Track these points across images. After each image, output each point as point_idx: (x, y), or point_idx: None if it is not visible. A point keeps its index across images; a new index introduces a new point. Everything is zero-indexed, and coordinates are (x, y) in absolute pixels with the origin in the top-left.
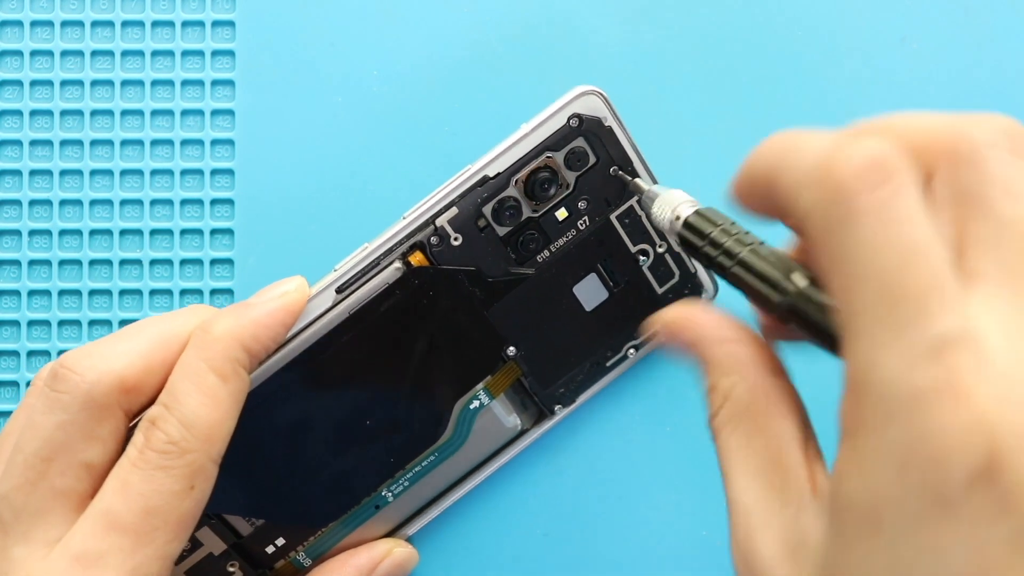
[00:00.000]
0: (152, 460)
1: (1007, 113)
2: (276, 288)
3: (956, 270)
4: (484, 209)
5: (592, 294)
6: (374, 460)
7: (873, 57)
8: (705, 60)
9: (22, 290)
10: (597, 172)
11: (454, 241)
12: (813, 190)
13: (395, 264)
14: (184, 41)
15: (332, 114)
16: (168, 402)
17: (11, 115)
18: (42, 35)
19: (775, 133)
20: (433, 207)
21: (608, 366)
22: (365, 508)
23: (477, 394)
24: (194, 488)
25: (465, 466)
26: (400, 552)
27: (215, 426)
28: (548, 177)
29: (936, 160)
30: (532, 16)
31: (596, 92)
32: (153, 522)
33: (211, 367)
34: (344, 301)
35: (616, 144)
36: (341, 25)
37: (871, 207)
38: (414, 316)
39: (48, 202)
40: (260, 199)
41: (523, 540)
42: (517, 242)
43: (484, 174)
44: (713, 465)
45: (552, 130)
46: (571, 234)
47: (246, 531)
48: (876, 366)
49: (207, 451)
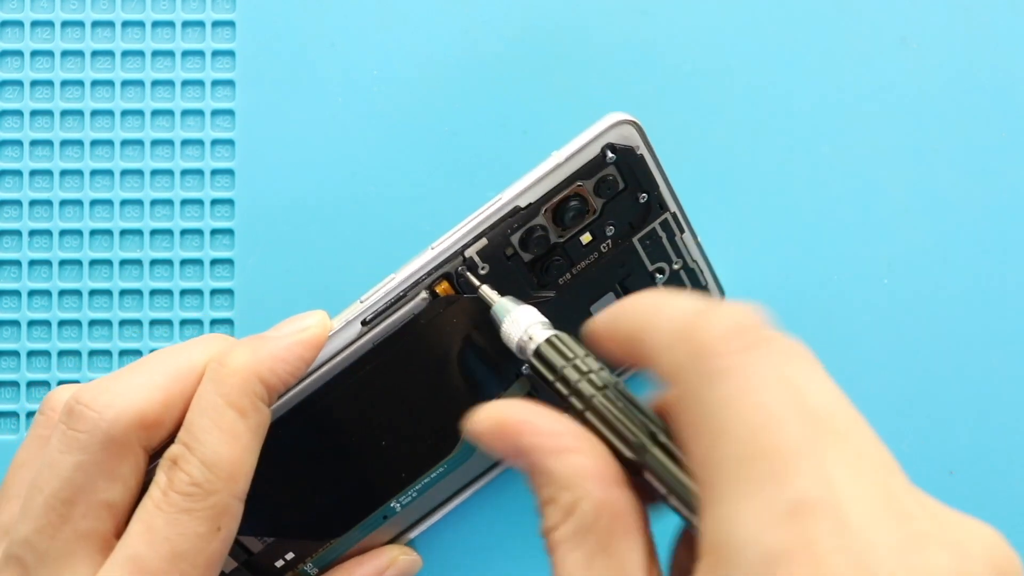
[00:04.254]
0: (176, 503)
1: (1007, 113)
2: (297, 322)
3: (815, 431)
4: (512, 238)
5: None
6: (386, 476)
7: (873, 57)
8: (704, 57)
9: (22, 290)
10: (624, 197)
11: (481, 271)
12: (679, 349)
13: (422, 295)
14: (184, 41)
15: (332, 114)
16: (188, 441)
17: (12, 115)
18: (42, 35)
19: (639, 294)
20: (463, 238)
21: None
22: (374, 519)
23: None
24: (220, 529)
25: (471, 474)
26: (405, 560)
27: (237, 464)
28: (578, 206)
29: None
30: (533, 16)
31: (631, 122)
32: (181, 566)
33: (228, 402)
34: (369, 333)
35: (646, 172)
36: (341, 25)
37: (734, 368)
38: (436, 344)
39: (48, 202)
40: (260, 199)
41: (523, 540)
42: (542, 268)
43: (515, 205)
44: None
45: (585, 160)
46: (593, 256)
47: (256, 548)
48: (734, 526)
49: (231, 490)
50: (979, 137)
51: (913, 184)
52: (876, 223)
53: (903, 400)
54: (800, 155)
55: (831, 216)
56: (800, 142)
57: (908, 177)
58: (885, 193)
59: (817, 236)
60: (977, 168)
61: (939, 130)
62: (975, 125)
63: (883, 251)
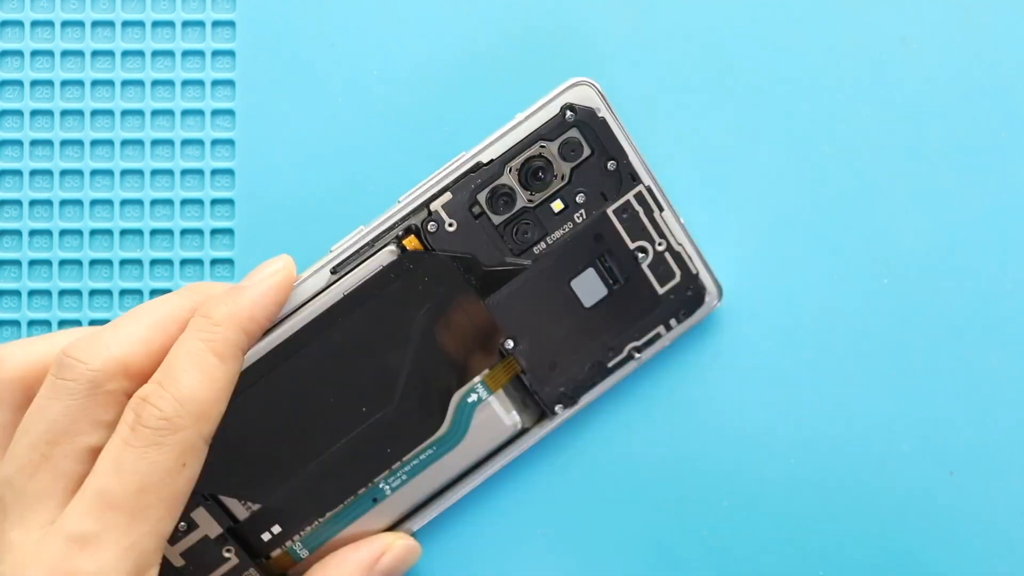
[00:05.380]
0: (145, 437)
1: (1007, 113)
2: (265, 268)
3: None
4: (479, 196)
5: (590, 290)
6: (370, 448)
7: (873, 57)
8: (705, 58)
9: (22, 290)
10: (593, 165)
11: (448, 226)
12: None
13: (389, 247)
14: (184, 41)
15: (332, 114)
16: (163, 380)
17: (11, 115)
18: (42, 35)
19: None
20: (427, 191)
21: (610, 367)
22: (363, 500)
23: (475, 387)
24: (186, 466)
25: (464, 462)
26: (401, 545)
27: (209, 404)
28: (542, 166)
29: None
30: (534, 15)
31: (589, 83)
32: (147, 499)
33: (211, 348)
34: (338, 282)
35: (611, 136)
36: (341, 25)
37: None
38: (409, 301)
39: (48, 202)
40: (260, 199)
41: (523, 540)
42: (513, 232)
43: (478, 160)
44: (714, 465)
45: (545, 119)
46: (568, 227)
47: (242, 515)
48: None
49: (199, 428)
50: (979, 137)
51: (913, 184)
52: (876, 223)
53: (903, 400)
54: (800, 155)
55: (831, 216)
56: (800, 142)
57: (908, 177)
58: (885, 193)
59: (817, 236)
60: (977, 168)
61: (939, 130)
62: (975, 125)
63: (883, 251)
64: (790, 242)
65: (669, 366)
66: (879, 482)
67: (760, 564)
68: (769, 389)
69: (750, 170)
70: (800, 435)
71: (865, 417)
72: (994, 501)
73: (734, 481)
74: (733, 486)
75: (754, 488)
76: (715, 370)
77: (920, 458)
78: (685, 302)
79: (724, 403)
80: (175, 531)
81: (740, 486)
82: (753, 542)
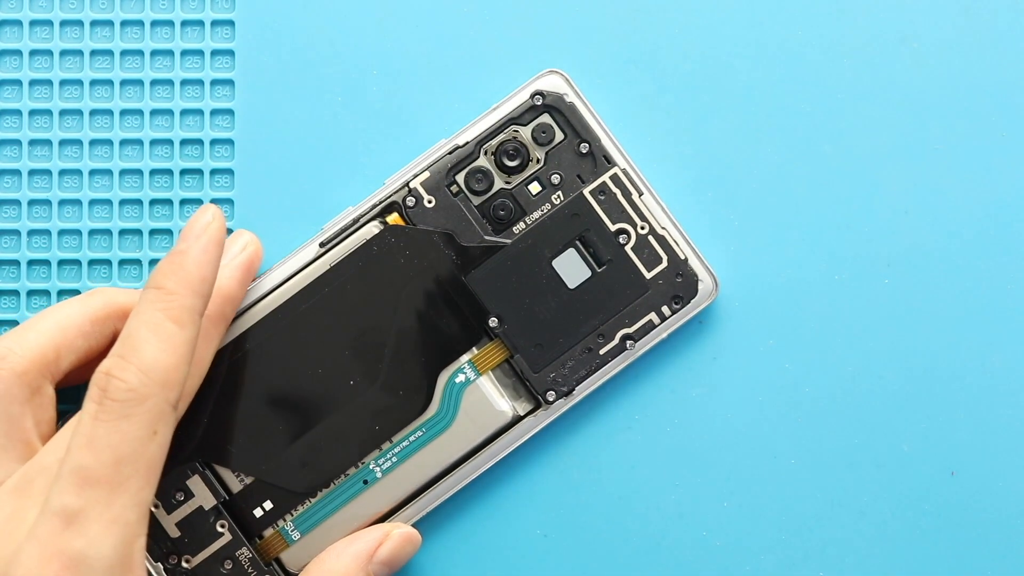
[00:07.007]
0: (114, 410)
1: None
2: (196, 224)
3: None
4: (457, 177)
5: (573, 270)
6: (359, 425)
7: (873, 57)
8: (705, 57)
9: (21, 290)
10: (567, 149)
11: (428, 203)
12: None
13: (373, 222)
14: (184, 41)
15: (332, 114)
16: (124, 352)
17: (10, 115)
18: (41, 35)
19: None
20: (409, 172)
21: (602, 354)
22: (353, 481)
23: (462, 367)
24: (157, 433)
25: (457, 449)
26: (399, 534)
27: (172, 370)
28: (516, 147)
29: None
30: (535, 15)
31: (558, 72)
32: (124, 471)
33: (168, 316)
34: (325, 255)
35: (580, 120)
36: (341, 25)
37: None
38: (392, 276)
39: (47, 202)
40: (260, 199)
41: (523, 540)
42: (491, 210)
43: (455, 143)
44: (714, 466)
45: (516, 105)
46: (546, 208)
47: (236, 488)
48: None
49: (165, 395)
50: (979, 137)
51: (913, 184)
52: (876, 223)
53: (903, 400)
54: (800, 154)
55: (831, 216)
56: (800, 141)
57: (908, 177)
58: (885, 193)
59: (817, 236)
60: (977, 168)
61: (939, 130)
62: (975, 125)
63: (883, 251)
64: (790, 241)
65: (669, 366)
66: (879, 482)
67: (760, 564)
68: (769, 389)
69: (750, 168)
70: (800, 435)
71: (865, 417)
72: (994, 501)
73: (734, 481)
74: (733, 486)
75: (754, 488)
76: (715, 370)
77: (920, 458)
78: (676, 288)
79: (724, 403)
80: (171, 500)
81: (740, 486)
82: (753, 542)
